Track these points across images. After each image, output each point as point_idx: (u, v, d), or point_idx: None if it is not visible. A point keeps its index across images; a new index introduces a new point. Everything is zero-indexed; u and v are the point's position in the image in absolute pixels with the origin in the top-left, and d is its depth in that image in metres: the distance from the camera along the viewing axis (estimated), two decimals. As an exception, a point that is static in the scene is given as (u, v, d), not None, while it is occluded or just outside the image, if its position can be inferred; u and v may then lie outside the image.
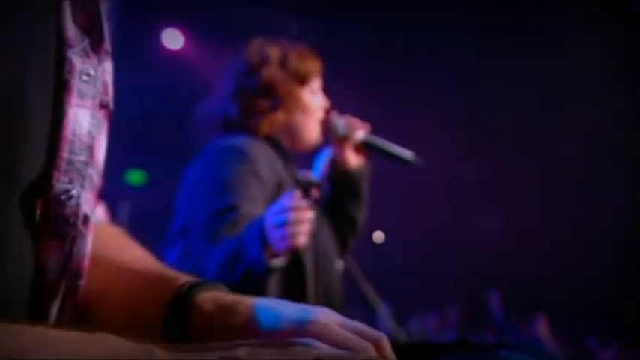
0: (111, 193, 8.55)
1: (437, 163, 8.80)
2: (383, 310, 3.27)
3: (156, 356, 0.76)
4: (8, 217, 0.87)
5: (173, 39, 9.88)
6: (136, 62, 9.71)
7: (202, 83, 2.93)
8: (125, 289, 1.15)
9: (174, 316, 1.08)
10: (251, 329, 1.00)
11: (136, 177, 9.46)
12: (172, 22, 9.77)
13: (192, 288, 1.09)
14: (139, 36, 9.73)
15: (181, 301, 1.08)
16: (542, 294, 8.32)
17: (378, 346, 0.93)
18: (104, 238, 1.16)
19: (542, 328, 7.26)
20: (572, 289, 8.90)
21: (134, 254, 1.26)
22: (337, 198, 2.94)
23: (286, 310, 1.01)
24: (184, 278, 1.14)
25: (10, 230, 0.89)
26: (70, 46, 0.96)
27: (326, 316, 0.98)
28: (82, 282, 1.01)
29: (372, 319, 6.85)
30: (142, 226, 7.85)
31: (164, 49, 9.96)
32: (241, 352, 0.78)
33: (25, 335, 0.74)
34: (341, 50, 9.75)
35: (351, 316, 1.04)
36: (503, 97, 9.91)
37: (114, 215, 8.21)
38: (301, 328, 0.95)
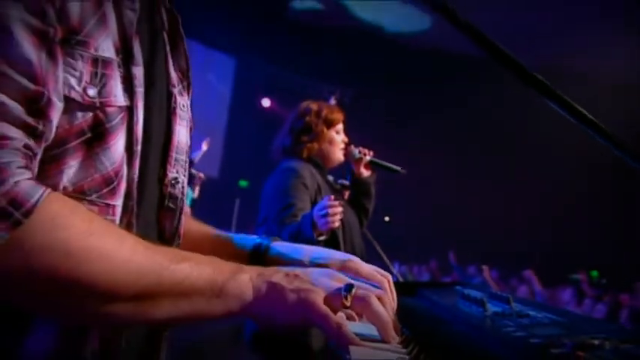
0: (229, 193, 8.79)
1: (428, 175, 8.87)
2: (388, 263, 3.27)
3: (246, 270, 0.75)
4: (142, 195, 0.84)
5: (266, 102, 10.31)
6: (249, 114, 10.08)
7: (280, 127, 3.01)
8: (211, 247, 1.09)
9: (256, 253, 1.04)
10: (310, 265, 0.97)
11: (244, 183, 9.51)
12: (264, 94, 10.20)
13: (268, 237, 1.07)
14: (250, 101, 10.18)
15: (262, 244, 1.05)
16: (486, 253, 8.21)
17: (388, 281, 0.91)
18: (188, 218, 1.09)
19: (485, 273, 7.18)
20: (501, 251, 8.77)
21: (201, 228, 1.15)
22: (357, 196, 2.92)
23: (334, 254, 0.99)
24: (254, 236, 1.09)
25: (144, 205, 0.86)
26: (174, 86, 0.93)
27: (358, 259, 0.96)
28: (181, 242, 0.97)
29: (382, 269, 6.91)
30: (246, 213, 8.08)
31: (262, 107, 10.34)
32: (298, 270, 0.77)
33: (180, 252, 0.75)
34: (365, 107, 9.86)
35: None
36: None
37: (231, 206, 8.44)
38: (342, 264, 0.94)
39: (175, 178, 0.91)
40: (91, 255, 0.63)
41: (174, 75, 0.93)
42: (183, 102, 0.94)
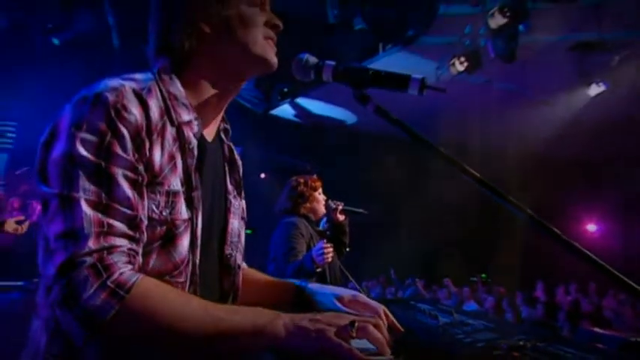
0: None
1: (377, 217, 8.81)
2: (355, 283, 3.14)
3: (282, 317, 0.71)
4: (207, 268, 0.84)
5: (262, 175, 10.24)
6: (250, 185, 9.92)
7: (273, 194, 2.94)
8: (260, 292, 1.05)
9: (299, 289, 1.01)
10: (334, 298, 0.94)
11: (249, 232, 9.11)
12: (261, 170, 10.15)
13: (306, 281, 1.03)
14: (251, 175, 10.04)
15: (302, 284, 1.02)
16: (421, 270, 8.07)
17: (384, 310, 0.87)
18: (246, 270, 1.07)
19: (418, 284, 7.06)
20: (432, 267, 8.69)
21: (261, 276, 1.11)
22: (336, 235, 2.78)
23: (344, 290, 0.97)
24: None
25: (213, 274, 0.88)
26: (230, 193, 0.94)
27: (361, 295, 0.94)
28: (240, 293, 0.95)
29: (348, 285, 6.71)
30: (251, 251, 7.83)
31: (262, 179, 10.28)
32: (319, 315, 0.72)
33: (227, 308, 0.73)
34: (329, 174, 9.87)
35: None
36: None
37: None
38: (353, 297, 0.93)
39: (230, 254, 0.92)
40: (171, 316, 0.66)
41: (230, 187, 0.96)
42: (236, 203, 0.96)
